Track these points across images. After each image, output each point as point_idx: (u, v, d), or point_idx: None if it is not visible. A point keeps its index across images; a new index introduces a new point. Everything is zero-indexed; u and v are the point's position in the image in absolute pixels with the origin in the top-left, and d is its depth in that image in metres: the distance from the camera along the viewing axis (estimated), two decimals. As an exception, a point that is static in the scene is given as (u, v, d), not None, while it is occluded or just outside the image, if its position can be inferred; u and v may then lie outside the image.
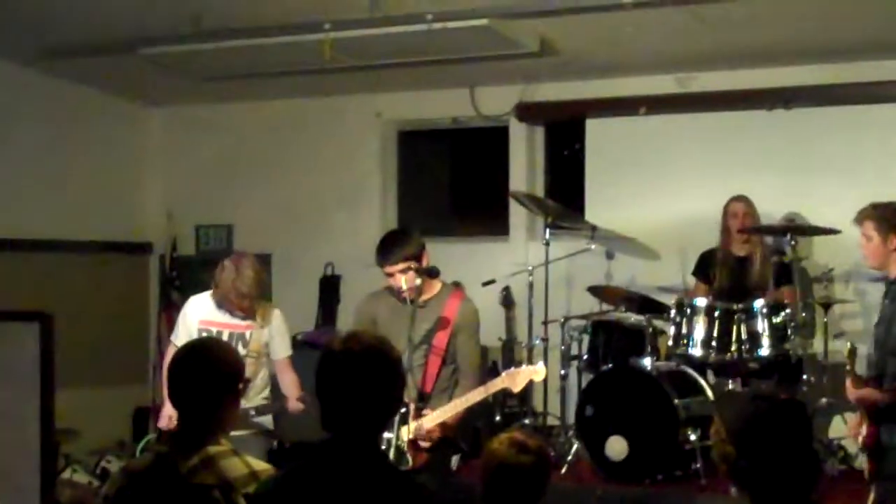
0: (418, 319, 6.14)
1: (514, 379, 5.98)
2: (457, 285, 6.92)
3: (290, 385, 6.89)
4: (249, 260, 6.80)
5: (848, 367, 5.90)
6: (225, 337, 6.69)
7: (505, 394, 7.96)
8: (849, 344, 6.00)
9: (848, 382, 5.92)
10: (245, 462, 3.93)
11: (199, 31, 8.35)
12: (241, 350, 6.63)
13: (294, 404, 6.79)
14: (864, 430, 5.92)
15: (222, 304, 6.75)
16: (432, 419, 6.04)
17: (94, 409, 9.89)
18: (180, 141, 11.21)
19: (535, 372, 6.04)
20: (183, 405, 4.03)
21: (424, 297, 6.22)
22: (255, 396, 6.76)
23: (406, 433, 5.96)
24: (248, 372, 6.60)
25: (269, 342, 6.83)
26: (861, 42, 8.40)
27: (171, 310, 10.77)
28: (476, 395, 6.04)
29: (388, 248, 6.29)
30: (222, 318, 6.78)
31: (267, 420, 6.91)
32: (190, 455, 3.89)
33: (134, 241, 11.10)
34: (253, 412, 6.66)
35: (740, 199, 8.55)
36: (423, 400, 6.17)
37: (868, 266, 6.36)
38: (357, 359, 3.54)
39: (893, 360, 5.91)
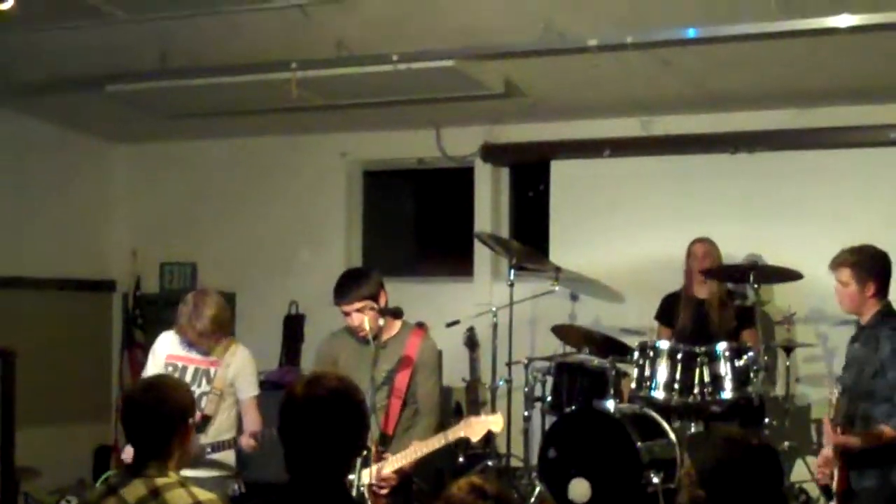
0: (379, 360, 6.14)
1: (473, 428, 5.96)
2: (420, 325, 6.90)
3: (250, 424, 6.81)
4: (211, 297, 6.74)
5: (832, 416, 5.91)
6: (190, 372, 6.66)
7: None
8: (836, 392, 6.01)
9: (828, 427, 5.93)
10: (190, 493, 4.06)
11: (166, 68, 8.34)
12: (206, 386, 6.62)
13: (245, 441, 6.69)
14: (835, 473, 5.94)
15: (183, 339, 6.72)
16: (391, 464, 6.02)
17: (55, 447, 9.83)
18: (145, 178, 11.19)
19: (494, 422, 6.02)
20: (136, 439, 4.20)
21: (385, 336, 6.22)
22: (216, 434, 6.70)
23: (366, 477, 5.93)
24: (209, 409, 6.61)
25: (234, 381, 6.77)
26: (821, 89, 8.47)
27: (133, 348, 10.75)
28: (435, 443, 6.03)
29: (345, 287, 6.28)
30: (187, 353, 6.75)
31: (229, 459, 6.83)
32: (139, 486, 4.06)
33: (97, 279, 11.05)
34: (209, 449, 6.60)
35: (702, 240, 8.59)
36: (385, 442, 6.16)
37: (843, 310, 6.36)
38: (320, 401, 3.54)
39: (865, 404, 5.94)
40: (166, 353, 6.79)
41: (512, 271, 8.73)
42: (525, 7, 7.15)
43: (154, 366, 6.79)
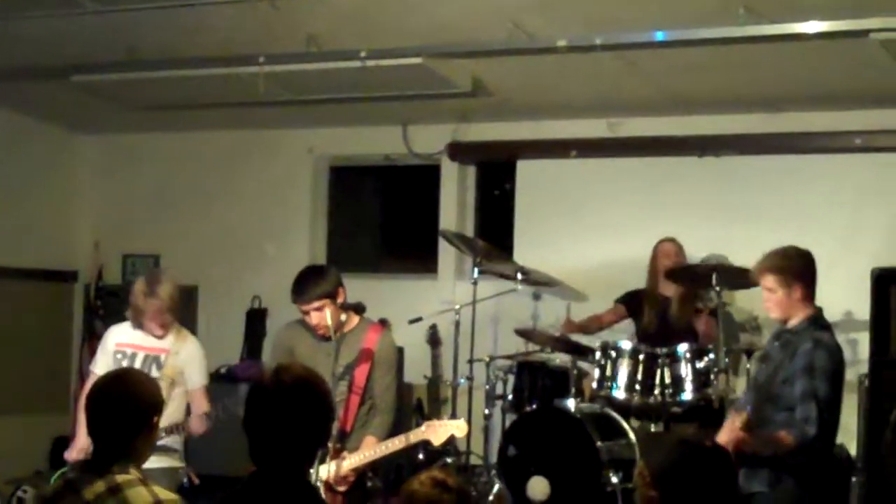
0: (337, 354, 6.12)
1: (436, 431, 5.98)
2: (382, 322, 6.89)
3: (197, 409, 6.80)
4: (164, 275, 6.83)
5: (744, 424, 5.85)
6: (140, 359, 6.68)
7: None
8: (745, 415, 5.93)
9: (731, 423, 5.84)
10: (151, 492, 3.92)
11: (134, 59, 8.31)
12: (156, 373, 6.60)
13: (195, 423, 6.66)
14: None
15: (138, 321, 6.70)
16: (350, 462, 6.01)
17: (12, 437, 9.78)
18: (110, 170, 11.13)
19: (458, 427, 6.03)
20: (98, 434, 4.04)
21: (342, 330, 6.21)
22: (166, 421, 6.68)
23: (324, 473, 5.93)
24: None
25: (183, 369, 6.76)
26: (788, 94, 8.52)
27: (94, 339, 10.65)
28: (396, 443, 6.04)
29: (302, 285, 6.27)
30: (138, 339, 6.73)
31: (176, 445, 6.80)
32: (97, 482, 3.91)
33: (59, 269, 10.98)
34: (163, 433, 6.57)
35: (670, 240, 8.62)
36: (343, 439, 6.14)
37: (773, 318, 6.16)
38: (287, 391, 3.54)
39: (768, 407, 5.85)
40: (115, 341, 6.78)
41: (476, 269, 8.73)
42: (494, 6, 7.16)
43: (103, 356, 6.78)
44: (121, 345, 6.75)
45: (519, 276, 8.70)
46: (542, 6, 7.14)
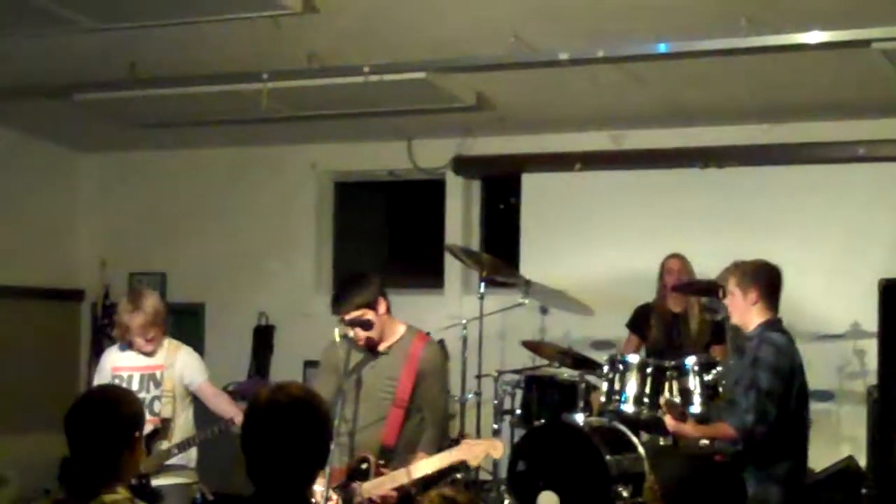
0: (379, 366, 6.01)
1: (473, 451, 5.72)
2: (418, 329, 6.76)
3: (223, 404, 6.84)
4: (146, 291, 6.93)
5: (665, 410, 6.17)
6: (136, 381, 6.72)
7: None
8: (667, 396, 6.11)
9: (668, 418, 6.05)
10: None
11: (135, 77, 8.31)
12: (156, 390, 6.66)
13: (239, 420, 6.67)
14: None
15: (125, 339, 6.74)
16: (391, 481, 5.83)
17: (21, 456, 9.78)
18: (115, 188, 11.15)
19: (495, 447, 5.84)
20: (80, 453, 3.99)
21: (386, 342, 6.08)
22: (181, 435, 6.70)
23: (365, 491, 5.81)
24: (166, 412, 6.63)
25: (182, 376, 6.78)
26: (791, 105, 8.53)
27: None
28: (436, 462, 5.80)
29: (341, 293, 6.11)
30: (131, 361, 6.77)
31: (191, 457, 6.82)
32: (84, 503, 3.87)
33: (66, 288, 11.00)
34: (175, 451, 6.60)
35: (676, 256, 8.61)
36: (386, 455, 5.96)
37: (732, 322, 6.38)
38: (282, 410, 3.52)
39: (730, 410, 6.10)
40: (111, 365, 6.83)
41: (482, 284, 8.71)
42: (496, 20, 7.16)
43: (100, 380, 6.83)
44: (117, 368, 6.81)
45: (525, 289, 8.69)
46: (544, 20, 7.14)
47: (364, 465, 5.81)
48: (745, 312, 6.13)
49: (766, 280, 6.14)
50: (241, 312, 10.43)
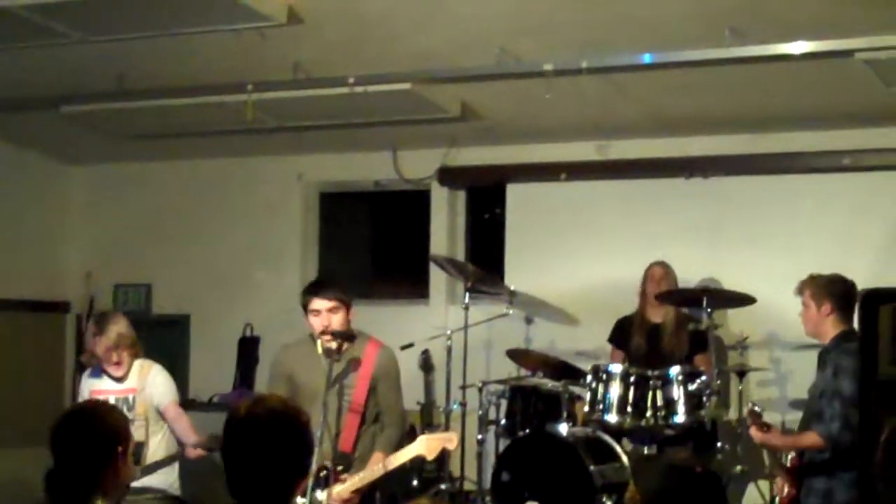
0: (337, 372, 6.05)
1: (428, 445, 5.92)
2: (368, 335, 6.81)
3: (184, 431, 6.84)
4: (113, 314, 6.92)
5: (750, 421, 6.25)
6: (112, 403, 6.67)
7: (422, 459, 7.92)
8: (750, 405, 6.24)
9: (753, 429, 6.16)
10: None
11: (122, 89, 8.32)
12: (129, 414, 6.63)
13: (192, 452, 6.69)
14: (785, 492, 6.19)
15: (96, 367, 6.78)
16: (348, 487, 5.95)
17: (5, 469, 9.73)
18: (100, 199, 11.14)
19: (449, 440, 5.99)
20: (64, 466, 4.01)
21: (343, 350, 6.14)
22: (152, 458, 6.70)
23: (325, 499, 5.86)
24: (139, 435, 6.60)
25: (152, 397, 6.80)
26: (775, 114, 8.55)
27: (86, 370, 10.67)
28: (392, 462, 5.97)
29: (323, 283, 6.23)
30: (107, 385, 6.82)
31: (170, 480, 6.82)
32: None
33: (51, 300, 10.97)
34: (139, 474, 6.55)
35: (660, 264, 8.63)
36: (344, 462, 6.05)
37: (805, 334, 6.69)
38: (262, 423, 3.53)
39: (816, 421, 6.31)
40: (90, 389, 6.91)
41: (467, 294, 8.73)
42: (482, 32, 7.18)
43: None
44: (95, 392, 6.86)
45: (510, 299, 8.71)
46: (529, 31, 7.16)
47: (323, 473, 5.84)
48: (819, 324, 6.42)
49: (840, 292, 6.38)
50: (226, 324, 10.42)
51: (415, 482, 8.61)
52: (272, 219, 10.56)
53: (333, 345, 6.08)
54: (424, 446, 5.91)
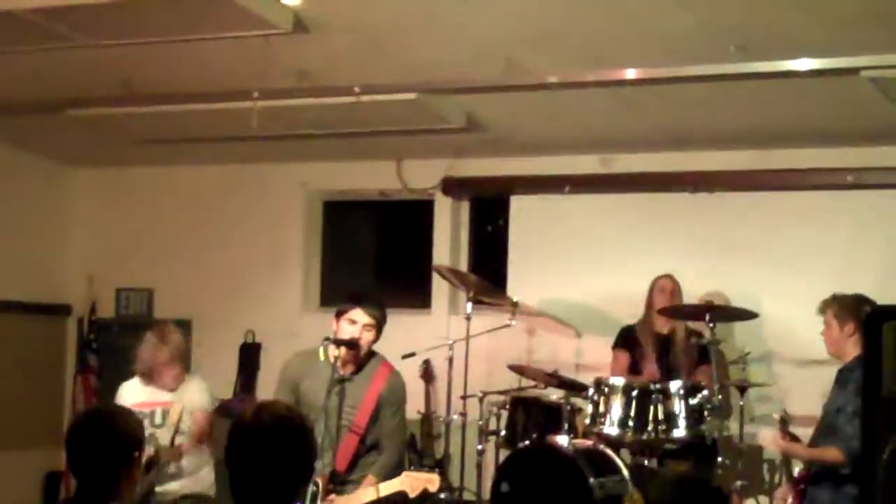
0: (344, 391, 6.03)
1: (411, 483, 5.83)
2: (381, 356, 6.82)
3: (194, 434, 6.92)
4: (171, 327, 6.98)
5: (778, 427, 6.37)
6: (159, 415, 6.88)
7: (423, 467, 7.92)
8: (782, 412, 6.28)
9: (777, 436, 6.22)
10: None
11: (128, 94, 8.33)
12: (163, 423, 6.82)
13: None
14: (789, 501, 6.23)
15: (148, 377, 6.83)
16: None
17: (5, 471, 9.75)
18: (104, 203, 11.14)
19: (430, 482, 5.91)
20: (80, 471, 4.00)
21: (353, 366, 6.12)
22: (187, 466, 6.78)
23: None
24: (165, 441, 6.69)
25: (191, 405, 6.91)
26: (780, 131, 8.55)
27: (87, 373, 10.70)
28: (371, 493, 5.87)
29: (371, 297, 6.20)
30: (151, 396, 6.93)
31: (206, 484, 6.89)
32: None
33: (53, 303, 10.98)
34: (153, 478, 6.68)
35: (668, 277, 8.62)
36: (335, 481, 6.02)
37: (828, 353, 6.75)
38: (267, 429, 3.52)
39: (829, 436, 6.40)
40: (131, 402, 6.84)
41: (469, 305, 8.72)
42: (488, 43, 7.18)
43: None
44: (137, 405, 6.80)
45: (512, 311, 8.70)
46: (535, 43, 7.17)
47: (312, 489, 5.82)
48: (842, 343, 6.54)
49: (863, 313, 6.39)
50: (228, 330, 10.42)
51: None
52: (275, 226, 10.56)
53: (337, 353, 6.04)
54: (407, 484, 5.83)
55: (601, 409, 7.90)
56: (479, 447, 8.59)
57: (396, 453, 6.18)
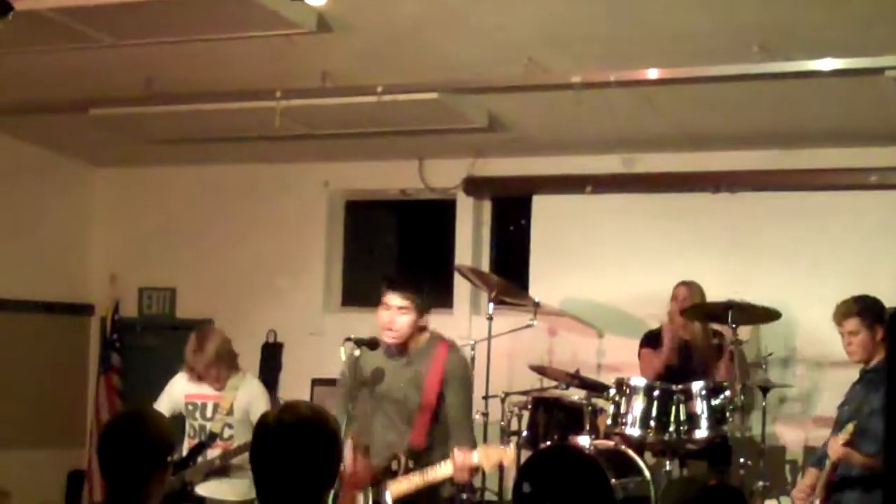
0: (405, 374, 6.05)
1: (488, 456, 5.80)
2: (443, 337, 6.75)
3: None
4: (212, 332, 7.18)
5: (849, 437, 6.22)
6: (210, 408, 7.07)
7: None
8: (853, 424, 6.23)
9: (840, 442, 6.17)
10: None
11: (151, 93, 8.35)
12: (215, 414, 7.04)
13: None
14: (817, 500, 6.22)
15: (194, 376, 7.00)
16: (398, 489, 5.90)
17: (29, 470, 9.79)
18: (126, 202, 11.18)
19: (506, 455, 5.91)
20: (111, 475, 4.01)
21: (412, 349, 6.13)
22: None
23: (393, 491, 5.85)
24: (215, 428, 7.00)
25: (247, 404, 7.03)
26: (803, 131, 8.53)
27: (110, 372, 10.72)
28: (448, 469, 5.82)
29: (402, 279, 6.18)
30: (201, 390, 7.10)
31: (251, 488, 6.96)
32: None
33: (76, 302, 11.02)
34: (217, 461, 6.96)
35: (684, 283, 8.57)
36: (415, 456, 5.99)
37: (854, 360, 6.63)
38: (291, 430, 3.52)
39: (860, 438, 6.25)
40: (184, 392, 7.15)
41: (491, 304, 8.72)
42: (510, 42, 7.18)
43: (168, 399, 7.18)
44: (190, 396, 7.13)
45: (534, 311, 8.70)
46: (557, 42, 7.17)
47: (395, 465, 5.85)
48: (874, 350, 6.49)
49: (886, 316, 6.37)
50: (249, 329, 10.42)
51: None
52: (297, 225, 10.58)
53: (396, 339, 6.06)
54: (485, 457, 5.78)
55: (623, 409, 7.89)
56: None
57: (465, 428, 6.14)
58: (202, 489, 7.02)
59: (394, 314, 6.03)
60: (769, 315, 8.04)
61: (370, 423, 6.09)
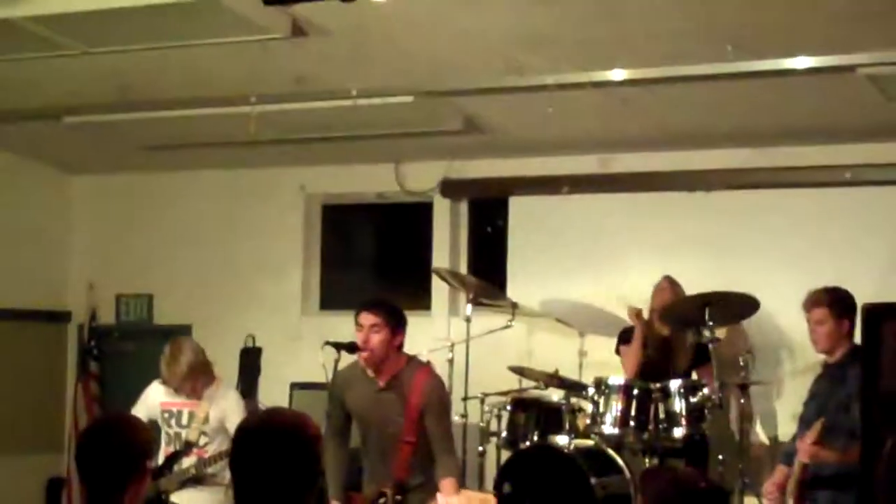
0: (382, 402, 6.09)
1: (469, 501, 5.90)
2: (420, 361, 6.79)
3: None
4: (185, 345, 7.18)
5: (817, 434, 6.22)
6: (185, 415, 7.06)
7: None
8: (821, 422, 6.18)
9: (809, 443, 6.15)
10: None
11: (125, 101, 8.34)
12: (190, 422, 6.93)
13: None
14: (790, 499, 6.22)
15: (170, 385, 7.02)
16: None
17: (7, 477, 9.76)
18: (102, 210, 11.15)
19: (486, 501, 5.99)
20: (90, 481, 4.01)
21: (388, 374, 6.17)
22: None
23: None
24: (192, 436, 6.82)
25: (223, 415, 7.02)
26: (778, 129, 8.56)
27: (88, 379, 10.70)
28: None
29: (375, 300, 6.26)
30: (176, 397, 7.14)
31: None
32: None
33: (53, 310, 10.98)
34: (193, 470, 6.92)
35: (665, 278, 8.61)
36: (402, 490, 6.06)
37: (817, 350, 6.73)
38: (271, 436, 3.53)
39: (829, 434, 6.33)
40: (159, 401, 7.19)
41: (469, 306, 8.73)
42: (485, 44, 7.18)
43: (143, 408, 7.18)
44: (166, 404, 7.18)
45: (512, 312, 8.71)
46: (533, 45, 7.17)
47: (382, 500, 5.87)
48: (838, 341, 6.42)
49: (855, 311, 6.38)
50: (228, 334, 10.39)
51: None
52: (275, 230, 10.57)
53: (369, 359, 6.09)
54: (465, 500, 5.89)
55: (601, 408, 7.91)
56: (481, 448, 8.60)
57: (452, 451, 6.22)
58: (177, 498, 6.96)
59: (367, 332, 6.11)
60: (746, 304, 8.04)
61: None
